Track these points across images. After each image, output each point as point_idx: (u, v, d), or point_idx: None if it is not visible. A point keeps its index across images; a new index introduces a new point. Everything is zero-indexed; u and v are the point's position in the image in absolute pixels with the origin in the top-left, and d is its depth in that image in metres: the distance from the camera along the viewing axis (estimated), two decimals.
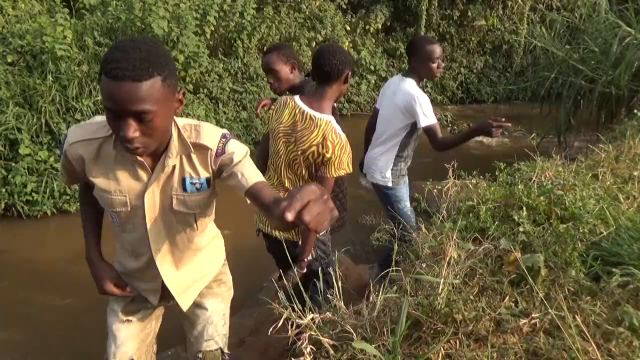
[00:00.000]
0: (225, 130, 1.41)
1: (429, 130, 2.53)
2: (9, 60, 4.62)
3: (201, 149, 1.34)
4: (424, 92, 2.62)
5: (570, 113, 5.51)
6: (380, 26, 8.76)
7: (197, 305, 1.68)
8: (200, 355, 1.67)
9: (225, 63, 6.54)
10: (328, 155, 1.90)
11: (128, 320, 1.62)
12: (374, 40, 8.80)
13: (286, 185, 2.09)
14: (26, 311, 3.13)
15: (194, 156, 1.35)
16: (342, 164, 1.92)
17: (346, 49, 7.96)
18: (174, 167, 1.35)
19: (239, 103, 6.49)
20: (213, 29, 6.29)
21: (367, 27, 8.52)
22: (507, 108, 8.66)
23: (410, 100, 2.53)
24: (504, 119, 2.27)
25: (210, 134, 1.36)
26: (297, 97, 2.04)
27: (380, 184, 2.80)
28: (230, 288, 1.78)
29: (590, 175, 2.37)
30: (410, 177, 2.92)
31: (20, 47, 4.69)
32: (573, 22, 6.52)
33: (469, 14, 9.43)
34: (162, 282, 1.54)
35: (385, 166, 2.76)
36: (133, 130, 1.13)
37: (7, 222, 4.18)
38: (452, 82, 9.55)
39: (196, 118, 5.62)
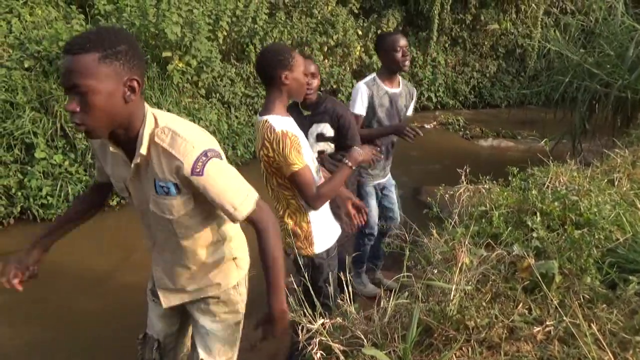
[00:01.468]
0: (208, 147, 1.32)
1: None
2: (26, 65, 4.69)
3: (171, 158, 1.30)
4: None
5: (585, 117, 5.43)
6: (392, 30, 8.75)
7: (194, 318, 1.67)
8: None
9: (238, 68, 6.58)
10: (271, 154, 1.85)
11: (154, 301, 1.70)
12: None
13: (270, 196, 2.05)
14: (39, 312, 3.16)
15: (163, 158, 1.31)
16: (287, 158, 1.82)
17: (357, 54, 7.99)
18: (147, 166, 1.35)
19: (250, 108, 6.52)
20: (225, 34, 6.34)
21: (379, 31, 8.51)
22: (520, 112, 8.57)
23: (353, 90, 2.78)
24: (420, 133, 2.58)
25: (185, 149, 1.28)
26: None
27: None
28: (234, 312, 1.67)
29: (605, 180, 2.33)
30: (422, 182, 2.91)
31: (37, 53, 4.77)
32: (588, 25, 6.44)
33: (482, 17, 9.38)
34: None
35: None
36: (73, 105, 1.18)
37: (22, 225, 4.23)
38: (464, 87, 9.50)
39: (208, 122, 5.67)
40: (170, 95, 5.42)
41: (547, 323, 1.24)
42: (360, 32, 8.28)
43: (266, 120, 1.87)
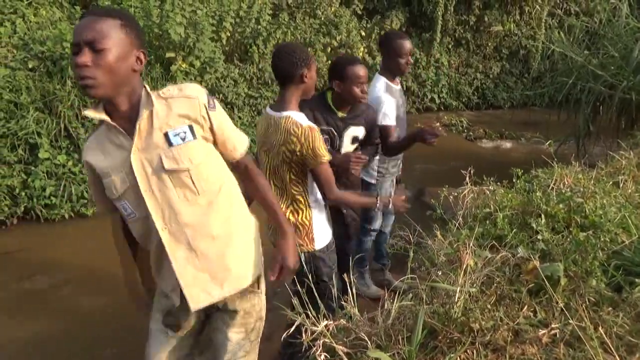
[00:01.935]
0: (204, 90, 1.46)
1: (383, 130, 2.61)
2: (30, 66, 4.71)
3: (186, 99, 1.39)
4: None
5: (589, 119, 5.42)
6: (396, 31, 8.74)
7: (219, 330, 1.61)
8: None
9: (241, 68, 6.58)
10: (298, 149, 1.89)
11: (166, 334, 1.61)
12: None
13: (273, 192, 2.06)
14: (39, 311, 3.17)
15: (174, 105, 1.38)
16: (316, 151, 1.89)
17: (360, 55, 7.98)
18: (151, 125, 1.35)
19: (254, 108, 6.52)
20: (229, 34, 6.34)
21: (382, 32, 8.50)
22: (523, 114, 8.55)
23: (375, 102, 2.63)
24: (440, 128, 2.47)
25: (196, 89, 1.42)
26: (268, 106, 2.07)
27: (365, 179, 2.88)
28: (259, 319, 1.67)
29: (611, 182, 2.32)
30: (425, 183, 2.91)
31: (41, 53, 4.78)
32: (592, 27, 6.42)
33: (486, 19, 9.36)
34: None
35: (370, 163, 2.81)
36: (85, 57, 1.24)
37: (26, 225, 4.25)
38: (467, 88, 9.48)
39: None
40: None
41: (553, 326, 1.23)
42: (363, 33, 8.27)
43: (289, 117, 1.92)
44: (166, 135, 1.36)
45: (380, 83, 2.72)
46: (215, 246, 1.48)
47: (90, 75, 1.24)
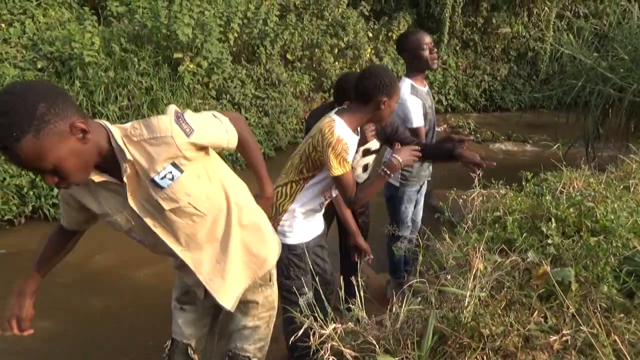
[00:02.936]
0: (171, 107, 1.36)
1: (412, 132, 2.59)
2: (39, 66, 4.74)
3: (159, 140, 1.29)
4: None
5: (599, 122, 5.37)
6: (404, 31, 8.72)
7: (234, 318, 1.70)
8: (230, 353, 1.71)
9: (248, 69, 6.59)
10: (319, 148, 1.94)
11: (182, 309, 1.71)
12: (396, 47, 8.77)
13: (284, 172, 2.11)
14: (38, 309, 3.17)
15: (151, 150, 1.29)
16: (332, 163, 1.90)
17: (367, 56, 7.96)
18: (137, 174, 1.32)
19: (261, 109, 6.52)
20: (236, 35, 6.35)
21: (389, 34, 8.49)
22: (531, 116, 8.49)
23: (400, 106, 2.56)
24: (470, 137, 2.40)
25: (163, 123, 1.30)
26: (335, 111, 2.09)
27: (389, 181, 2.80)
28: (271, 308, 1.76)
29: (621, 187, 2.30)
30: (433, 186, 2.89)
31: (50, 54, 4.82)
32: (601, 29, 6.37)
33: (494, 21, 9.32)
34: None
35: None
36: (49, 179, 1.17)
37: (34, 224, 4.27)
38: (475, 90, 9.44)
39: None
40: (181, 96, 5.45)
41: (564, 332, 1.22)
42: (370, 35, 8.26)
43: (333, 119, 1.95)
44: (153, 180, 1.32)
45: (405, 85, 2.65)
46: (233, 249, 1.55)
47: (66, 185, 1.22)
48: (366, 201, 2.12)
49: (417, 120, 2.61)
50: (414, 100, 2.61)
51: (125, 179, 1.31)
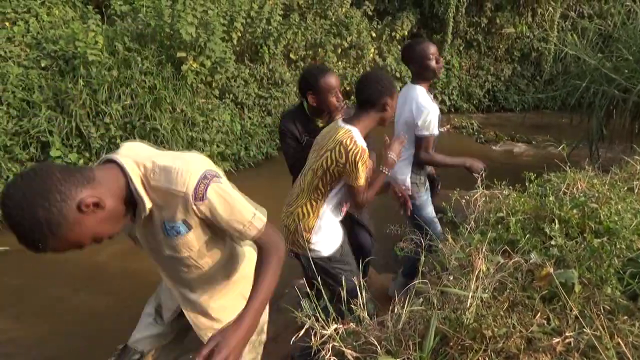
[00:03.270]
0: (205, 168, 1.26)
1: (421, 140, 2.58)
2: (43, 64, 4.75)
3: (175, 195, 1.24)
4: (436, 100, 2.63)
5: (603, 123, 5.35)
6: (406, 33, 8.71)
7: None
8: None
9: (251, 69, 6.59)
10: (342, 161, 1.95)
11: (153, 319, 1.70)
12: (399, 47, 8.75)
13: (296, 193, 2.14)
14: (37, 307, 3.19)
15: (165, 202, 1.26)
16: (358, 173, 1.96)
17: (371, 56, 7.95)
18: (151, 214, 1.30)
19: (264, 108, 6.53)
20: (240, 34, 6.35)
21: (393, 33, 8.48)
22: (535, 117, 8.47)
23: (417, 110, 2.53)
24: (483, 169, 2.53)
25: (184, 178, 1.22)
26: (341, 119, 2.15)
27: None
28: (259, 332, 1.69)
29: (625, 188, 2.28)
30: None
31: (53, 52, 4.83)
32: (606, 29, 6.35)
33: (497, 21, 9.29)
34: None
35: (405, 176, 2.73)
36: (87, 246, 1.18)
37: None
38: (478, 90, 9.42)
39: (221, 123, 5.68)
40: (184, 95, 5.45)
41: (567, 334, 1.21)
42: (374, 34, 8.26)
43: (349, 130, 1.99)
44: (163, 225, 1.32)
45: (421, 91, 2.59)
46: (227, 297, 1.58)
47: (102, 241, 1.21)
48: (368, 201, 2.16)
49: (436, 128, 2.56)
50: (434, 108, 2.55)
51: (139, 222, 1.31)
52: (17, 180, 1.07)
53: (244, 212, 1.34)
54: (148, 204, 1.25)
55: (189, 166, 1.25)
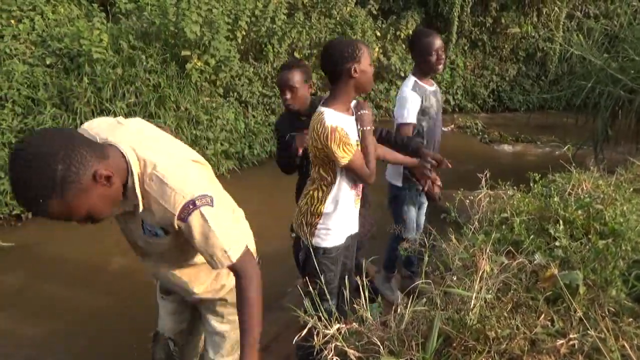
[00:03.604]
0: (198, 193, 1.27)
1: (398, 128, 2.62)
2: (48, 62, 4.76)
3: (163, 209, 1.28)
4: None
5: (608, 124, 5.32)
6: (411, 32, 8.68)
7: (204, 318, 1.71)
8: None
9: (256, 67, 6.59)
10: (319, 146, 1.90)
11: (162, 298, 1.76)
12: (404, 46, 8.73)
13: (311, 177, 2.11)
14: (40, 307, 3.19)
15: (152, 207, 1.29)
16: (336, 153, 1.87)
17: (375, 55, 7.93)
18: (134, 206, 1.32)
19: (268, 107, 6.53)
20: (244, 33, 6.35)
21: (397, 33, 8.46)
22: (540, 117, 8.43)
23: (399, 99, 2.63)
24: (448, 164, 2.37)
25: (175, 200, 1.26)
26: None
27: (392, 182, 2.86)
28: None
29: (631, 189, 2.27)
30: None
31: (58, 50, 4.84)
32: (612, 30, 6.31)
33: (503, 20, 9.25)
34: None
35: (395, 166, 2.77)
36: (83, 223, 1.23)
37: (41, 219, 4.26)
38: (483, 90, 9.39)
39: (225, 121, 5.68)
40: (189, 93, 5.46)
41: (571, 336, 1.20)
42: (378, 34, 8.24)
43: (321, 112, 1.92)
44: (142, 223, 1.37)
45: (409, 82, 2.67)
46: (196, 281, 1.59)
47: (96, 222, 1.24)
48: (377, 160, 2.08)
49: (408, 117, 2.59)
50: (411, 96, 2.60)
51: (123, 210, 1.36)
52: (42, 132, 1.11)
53: (221, 243, 1.33)
54: (141, 207, 1.29)
55: (184, 187, 1.27)
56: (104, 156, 1.18)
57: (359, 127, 2.01)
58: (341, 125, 1.89)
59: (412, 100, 2.60)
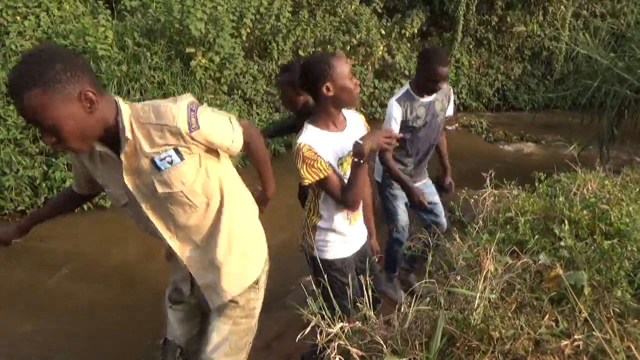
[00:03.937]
0: (188, 101, 1.38)
1: None
2: None
3: (165, 127, 1.33)
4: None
5: (614, 123, 5.29)
6: (416, 31, 8.66)
7: (211, 318, 1.67)
8: None
9: (260, 65, 6.59)
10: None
11: (171, 308, 1.72)
12: (409, 45, 8.71)
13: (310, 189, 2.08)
14: (43, 301, 3.20)
15: (154, 134, 1.33)
16: (299, 172, 1.82)
17: (380, 53, 7.91)
18: (136, 152, 1.35)
19: (272, 105, 6.53)
20: (249, 31, 6.35)
21: (402, 31, 8.43)
22: (545, 116, 8.39)
23: (387, 109, 2.69)
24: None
25: (172, 113, 1.33)
26: None
27: (379, 181, 2.91)
28: (250, 316, 1.69)
29: (637, 190, 2.25)
30: None
31: (64, 47, 4.84)
32: (619, 29, 6.27)
33: (508, 19, 9.21)
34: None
35: (378, 163, 2.83)
36: (48, 138, 1.22)
37: None
38: (488, 89, 9.35)
39: None
40: (193, 91, 5.47)
41: (576, 337, 1.19)
42: (383, 32, 8.21)
43: (303, 129, 1.88)
44: (153, 161, 1.36)
45: (400, 91, 2.72)
46: (223, 247, 1.56)
47: (62, 148, 1.25)
48: (360, 198, 1.95)
49: (390, 123, 2.64)
50: (394, 109, 2.64)
51: (122, 157, 1.34)
52: (59, 46, 1.18)
53: (228, 128, 1.49)
54: (128, 135, 1.31)
55: (175, 101, 1.36)
56: (99, 89, 1.25)
57: (353, 159, 1.83)
58: (314, 144, 1.82)
59: (394, 113, 2.64)
